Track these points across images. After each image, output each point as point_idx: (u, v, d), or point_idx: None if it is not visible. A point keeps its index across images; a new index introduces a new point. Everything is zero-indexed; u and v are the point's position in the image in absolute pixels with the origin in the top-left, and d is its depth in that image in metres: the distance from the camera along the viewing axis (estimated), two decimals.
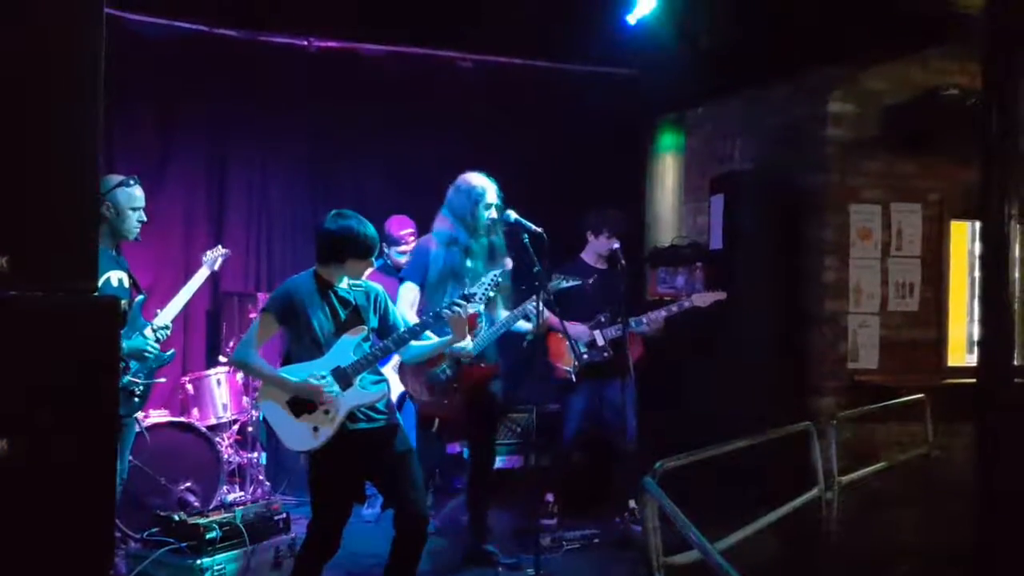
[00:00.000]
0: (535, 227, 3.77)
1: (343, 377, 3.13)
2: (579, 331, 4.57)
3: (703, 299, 4.62)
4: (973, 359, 5.19)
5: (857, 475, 4.00)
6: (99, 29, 1.57)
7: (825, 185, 5.06)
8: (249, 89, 5.64)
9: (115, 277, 3.30)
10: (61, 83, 1.54)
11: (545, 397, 5.08)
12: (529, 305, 3.84)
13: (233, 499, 4.64)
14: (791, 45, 4.90)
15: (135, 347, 3.33)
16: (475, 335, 3.87)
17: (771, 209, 5.15)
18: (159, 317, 3.55)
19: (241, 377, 5.00)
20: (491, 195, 3.92)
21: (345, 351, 3.16)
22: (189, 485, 4.37)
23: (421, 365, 3.78)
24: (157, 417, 4.45)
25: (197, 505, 4.30)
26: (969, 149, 3.91)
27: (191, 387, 4.93)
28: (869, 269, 5.12)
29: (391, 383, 3.45)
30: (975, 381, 3.74)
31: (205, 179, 5.71)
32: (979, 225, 4.33)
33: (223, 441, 4.82)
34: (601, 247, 4.75)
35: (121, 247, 3.45)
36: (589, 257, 4.83)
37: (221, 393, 4.93)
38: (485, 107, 6.02)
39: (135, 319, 3.42)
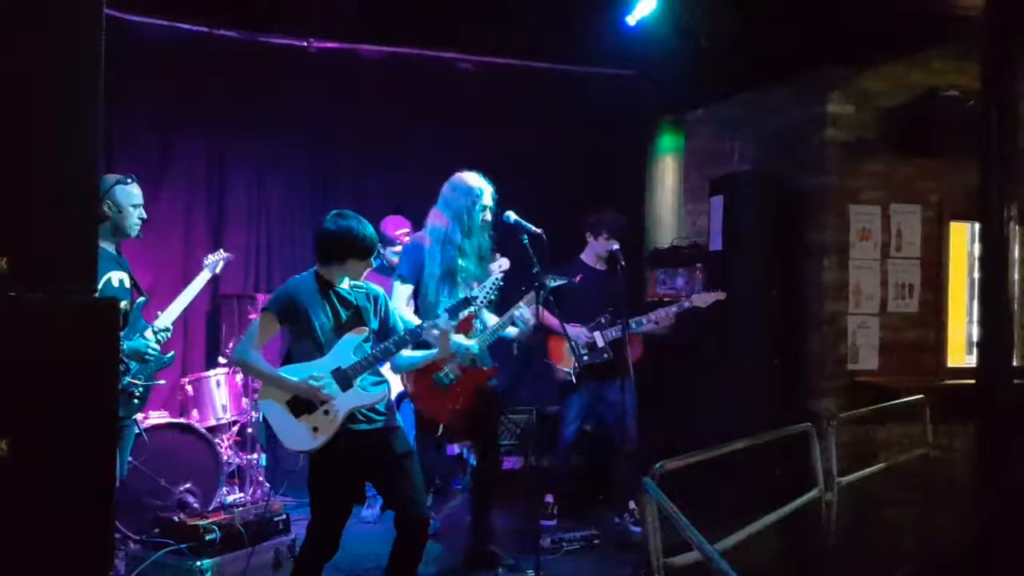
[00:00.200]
0: (535, 228, 3.77)
1: (343, 378, 3.13)
2: (578, 333, 4.57)
3: (703, 299, 4.63)
4: (972, 360, 5.20)
5: (857, 476, 3.99)
6: (99, 30, 1.57)
7: (824, 186, 5.07)
8: (249, 90, 5.64)
9: (116, 278, 3.29)
10: (61, 84, 1.54)
11: (545, 398, 5.08)
12: (516, 312, 3.85)
13: (232, 500, 4.64)
14: (790, 46, 4.91)
15: (135, 349, 3.33)
16: (472, 337, 3.88)
17: (771, 210, 5.15)
18: (160, 319, 3.55)
19: (241, 378, 5.00)
20: (487, 197, 3.93)
21: (346, 352, 3.16)
22: (189, 486, 4.37)
23: (428, 370, 3.79)
24: (157, 418, 4.45)
25: (197, 506, 4.30)
26: (968, 150, 3.93)
27: (191, 388, 4.93)
28: (868, 270, 5.12)
29: (391, 384, 3.45)
30: (974, 382, 3.75)
31: (205, 180, 5.71)
32: (978, 226, 4.35)
33: (223, 442, 4.82)
34: (600, 248, 4.76)
35: (121, 248, 3.44)
36: (588, 258, 4.84)
37: (221, 394, 4.93)
38: (485, 108, 6.02)
39: (136, 320, 3.42)
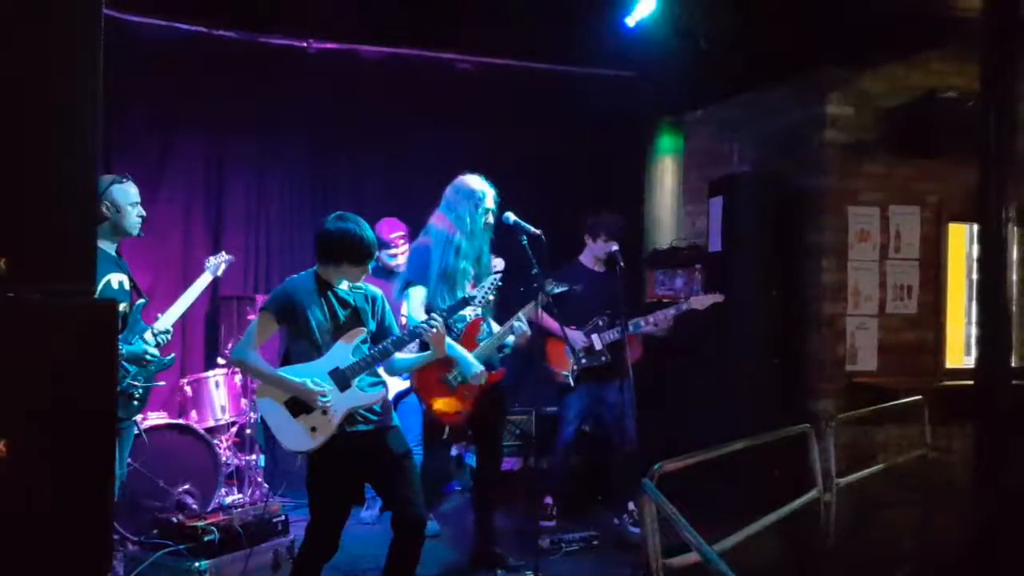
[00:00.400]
0: (534, 229, 3.77)
1: (341, 378, 3.13)
2: (575, 337, 4.57)
3: (701, 301, 4.63)
4: (971, 361, 5.21)
5: (855, 477, 3.99)
6: (97, 30, 1.57)
7: (823, 187, 5.07)
8: (248, 90, 5.65)
9: (115, 280, 3.29)
10: (60, 84, 1.54)
11: (544, 400, 5.08)
12: (515, 322, 3.85)
13: (231, 501, 4.63)
14: (790, 47, 4.91)
15: (135, 351, 3.32)
16: (479, 339, 3.88)
17: (770, 211, 5.15)
18: (160, 321, 3.55)
19: (240, 379, 5.00)
20: (490, 200, 3.91)
21: (344, 352, 3.16)
22: (187, 487, 4.36)
23: (436, 372, 3.79)
24: (155, 419, 4.45)
25: (195, 507, 4.29)
26: (967, 151, 3.92)
27: (189, 389, 4.93)
28: (867, 271, 5.12)
29: (388, 384, 3.44)
30: (973, 383, 3.75)
31: (204, 180, 5.71)
32: (977, 227, 4.35)
33: (221, 443, 4.82)
34: (598, 250, 4.76)
35: (121, 249, 3.44)
36: (587, 260, 4.84)
37: (219, 395, 4.93)
38: (484, 109, 6.02)
39: (135, 323, 3.42)
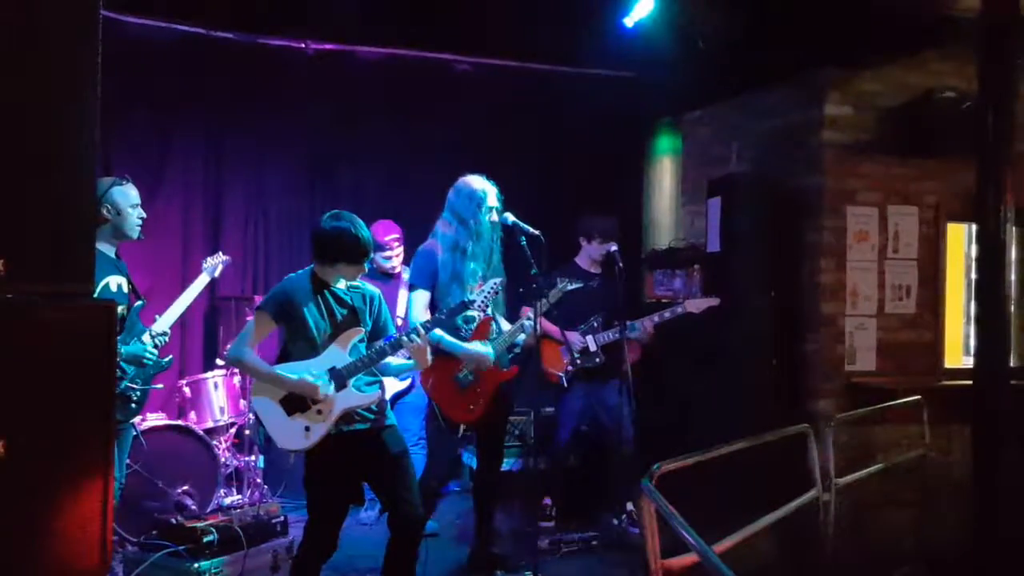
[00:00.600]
0: (533, 230, 3.77)
1: (338, 378, 3.13)
2: (571, 337, 4.57)
3: (697, 305, 4.63)
4: (970, 361, 5.21)
5: (854, 477, 3.99)
6: (95, 32, 1.57)
7: (822, 188, 5.07)
8: (247, 91, 5.64)
9: (114, 282, 3.29)
10: (58, 85, 1.54)
11: (542, 401, 5.07)
12: (526, 321, 3.84)
13: (230, 502, 4.63)
14: (787, 48, 4.92)
15: (133, 353, 3.33)
16: (490, 339, 3.87)
17: (768, 211, 5.14)
18: (158, 323, 3.55)
19: (238, 380, 5.00)
20: (492, 198, 3.89)
21: (340, 352, 3.16)
22: (186, 488, 4.36)
23: (447, 373, 3.78)
24: (154, 420, 4.45)
25: (194, 508, 4.29)
26: (966, 152, 3.93)
27: (188, 390, 4.93)
28: (866, 271, 5.12)
29: (386, 384, 3.44)
30: (972, 383, 3.76)
31: (202, 181, 5.70)
32: (975, 228, 4.35)
33: (220, 444, 4.81)
34: (594, 252, 4.75)
35: (120, 251, 3.44)
36: (583, 262, 4.84)
37: (218, 396, 4.93)
38: (482, 110, 6.02)
39: (134, 324, 3.42)
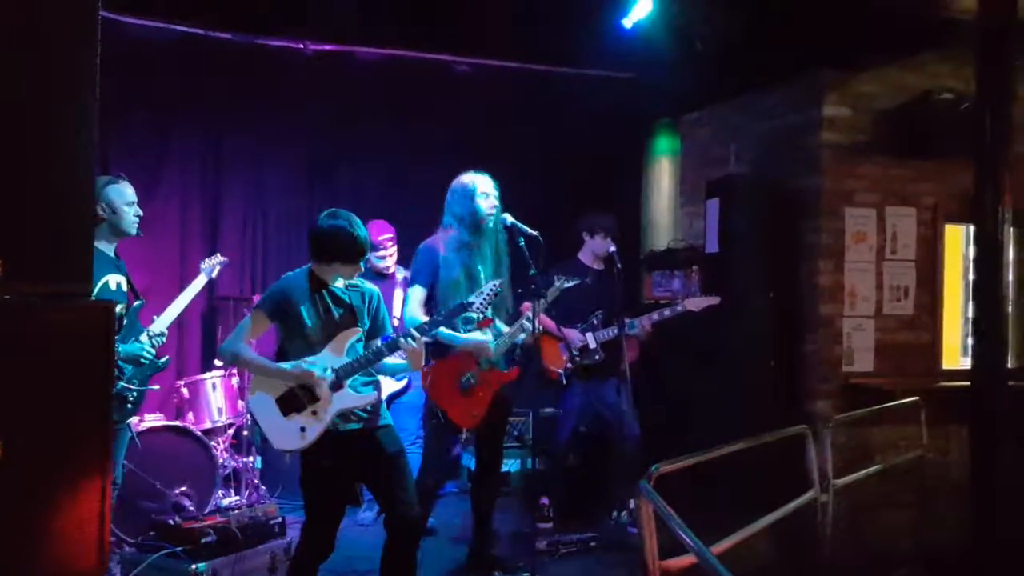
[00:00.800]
0: (531, 230, 3.77)
1: (334, 379, 3.12)
2: (571, 335, 4.57)
3: (696, 304, 4.63)
4: (967, 362, 5.21)
5: (852, 478, 3.99)
6: (94, 32, 1.57)
7: (820, 189, 5.08)
8: (245, 92, 5.64)
9: (113, 281, 3.29)
10: (56, 86, 1.54)
11: (541, 402, 5.08)
12: (525, 321, 3.83)
13: (228, 503, 4.63)
14: (786, 49, 4.92)
15: (131, 352, 3.32)
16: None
17: (766, 212, 5.15)
18: (155, 324, 3.54)
19: (236, 381, 4.99)
20: (483, 185, 3.83)
21: (337, 352, 3.15)
22: (184, 489, 4.36)
23: (451, 377, 3.77)
24: (152, 421, 4.44)
25: (192, 509, 4.28)
26: (963, 153, 3.94)
27: (186, 391, 4.92)
28: (864, 272, 5.13)
29: (382, 384, 3.43)
30: (969, 384, 3.76)
31: (200, 182, 5.70)
32: (973, 229, 4.36)
33: (218, 445, 4.81)
34: (598, 248, 4.75)
35: (119, 250, 3.43)
36: (586, 258, 4.84)
37: (216, 397, 4.92)
38: (481, 110, 6.01)
39: (132, 324, 3.41)
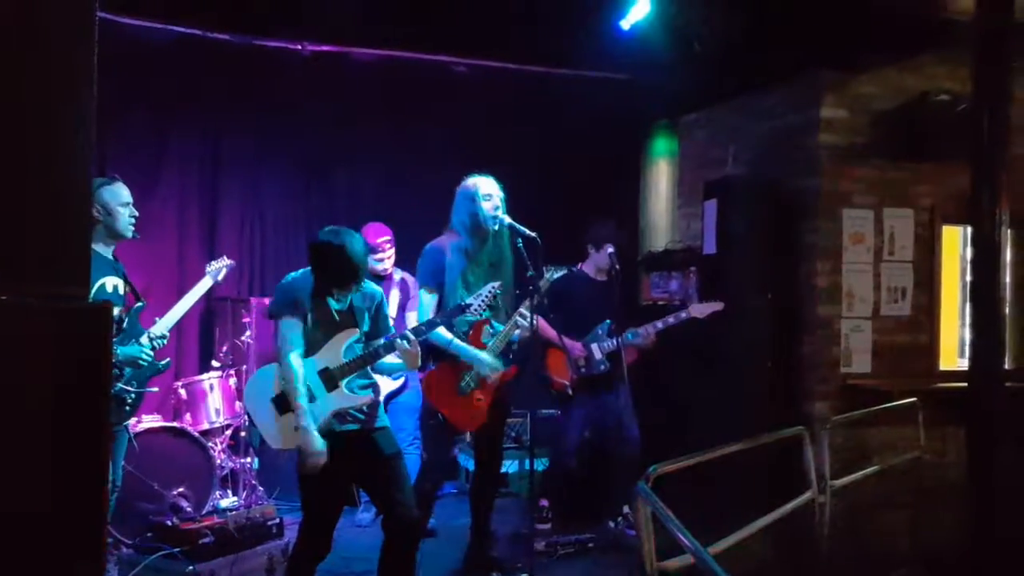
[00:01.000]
0: (529, 231, 3.77)
1: (330, 379, 3.13)
2: (572, 347, 4.57)
3: (701, 310, 4.62)
4: (965, 363, 5.22)
5: (850, 479, 4.00)
6: (92, 33, 1.57)
7: (817, 190, 5.08)
8: (243, 93, 5.64)
9: (110, 283, 3.28)
10: (53, 87, 1.54)
11: (540, 403, 5.07)
12: (518, 317, 3.82)
13: (226, 504, 4.63)
14: (783, 51, 4.93)
15: (129, 355, 3.32)
16: (485, 341, 3.85)
17: (764, 214, 5.16)
18: (157, 326, 3.53)
19: (234, 382, 4.99)
20: (485, 187, 3.82)
21: (335, 353, 3.16)
22: (182, 490, 4.36)
23: (449, 381, 3.77)
24: (150, 422, 4.44)
25: (190, 510, 4.28)
26: (960, 154, 3.94)
27: (184, 392, 4.92)
28: (862, 274, 5.13)
29: (380, 385, 3.43)
30: (967, 385, 3.76)
31: (198, 183, 5.70)
32: (970, 230, 4.36)
33: (216, 446, 4.80)
34: (602, 260, 4.70)
35: (117, 252, 3.42)
36: (589, 269, 4.81)
37: (214, 398, 4.92)
38: (479, 111, 6.02)
39: (132, 326, 3.41)
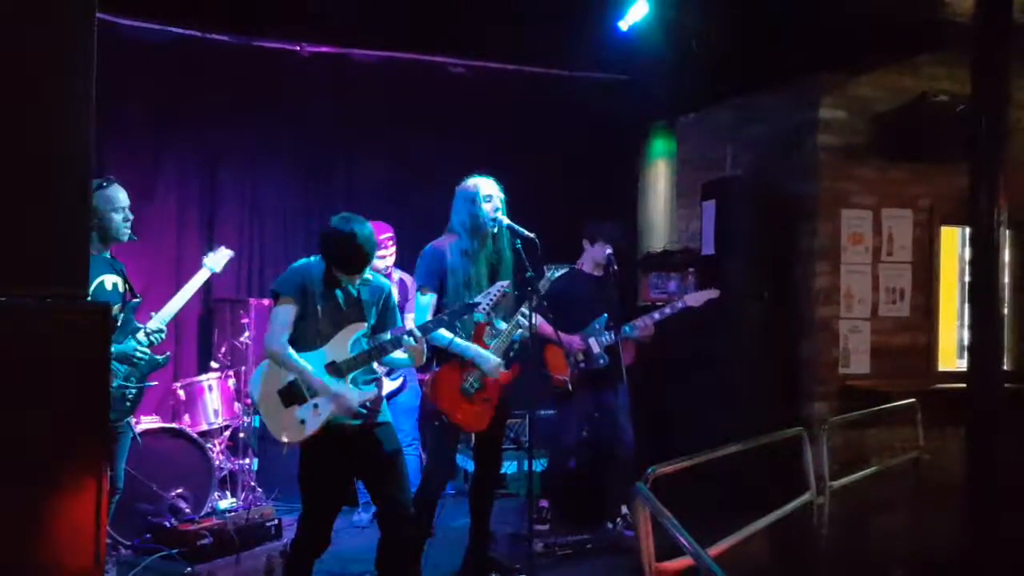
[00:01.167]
0: (528, 232, 3.77)
1: (336, 373, 3.13)
2: (570, 341, 4.56)
3: (696, 298, 4.62)
4: (963, 364, 5.22)
5: (848, 479, 4.00)
6: (91, 34, 1.57)
7: (816, 191, 5.08)
8: (242, 93, 5.65)
9: (109, 281, 3.28)
10: (53, 87, 1.54)
11: (539, 402, 5.06)
12: (519, 317, 3.82)
13: (225, 506, 4.62)
14: (782, 52, 4.93)
15: (123, 352, 3.31)
16: (487, 341, 3.83)
17: (763, 214, 5.16)
18: (153, 320, 3.52)
19: (233, 383, 4.99)
20: (485, 188, 3.80)
21: (342, 346, 3.16)
22: (180, 491, 4.35)
23: (453, 383, 3.76)
24: (148, 423, 4.44)
25: (188, 511, 4.28)
26: (959, 155, 3.95)
27: (182, 393, 4.91)
28: (860, 274, 5.13)
29: (381, 383, 3.43)
30: (965, 385, 3.77)
31: (197, 184, 5.71)
32: (969, 231, 4.37)
33: (215, 447, 4.80)
34: (598, 255, 4.73)
35: (115, 251, 3.42)
36: (586, 265, 4.83)
37: (213, 399, 4.91)
38: (477, 112, 6.02)
39: (128, 322, 3.40)
